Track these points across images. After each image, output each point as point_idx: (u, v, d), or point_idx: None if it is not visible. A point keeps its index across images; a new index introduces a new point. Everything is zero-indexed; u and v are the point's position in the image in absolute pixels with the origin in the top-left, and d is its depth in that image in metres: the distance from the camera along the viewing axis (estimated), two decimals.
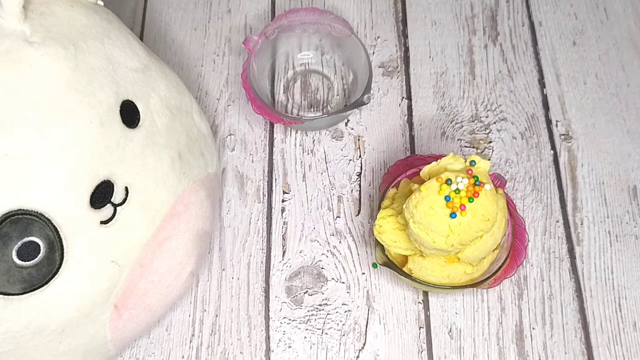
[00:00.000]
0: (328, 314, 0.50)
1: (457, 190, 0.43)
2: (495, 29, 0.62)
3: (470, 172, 0.43)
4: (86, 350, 0.42)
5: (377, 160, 0.56)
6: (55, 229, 0.37)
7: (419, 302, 0.50)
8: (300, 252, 0.52)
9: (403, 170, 0.50)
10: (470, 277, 0.47)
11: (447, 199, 0.43)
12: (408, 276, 0.47)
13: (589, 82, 0.59)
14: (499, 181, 0.49)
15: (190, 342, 0.49)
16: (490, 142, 0.56)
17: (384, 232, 0.47)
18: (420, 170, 0.48)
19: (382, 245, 0.47)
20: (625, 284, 0.50)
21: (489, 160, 0.45)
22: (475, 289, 0.49)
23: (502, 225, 0.45)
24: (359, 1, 0.63)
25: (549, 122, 0.57)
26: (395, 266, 0.47)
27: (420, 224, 0.43)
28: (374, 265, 0.51)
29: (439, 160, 0.46)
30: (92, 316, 0.40)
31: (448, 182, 0.43)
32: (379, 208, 0.48)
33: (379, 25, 0.62)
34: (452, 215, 0.42)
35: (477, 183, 0.43)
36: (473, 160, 0.44)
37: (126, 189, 0.40)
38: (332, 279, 0.51)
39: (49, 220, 0.37)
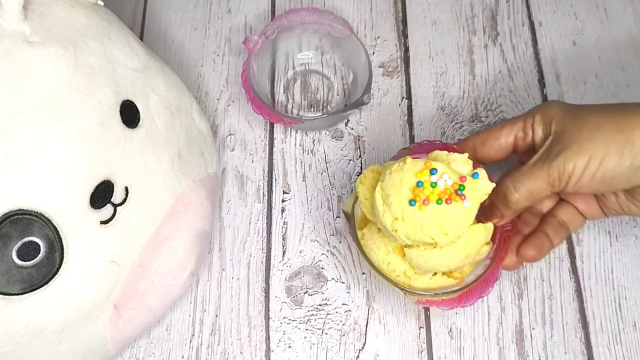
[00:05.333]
0: (328, 314, 0.50)
1: (434, 184, 0.39)
2: (495, 29, 0.62)
3: (463, 179, 0.40)
4: (86, 350, 0.42)
5: (377, 160, 0.56)
6: (55, 229, 0.37)
7: None
8: (300, 252, 0.52)
9: (428, 150, 0.47)
10: (409, 283, 0.44)
11: (419, 184, 0.39)
12: (356, 240, 0.45)
13: (589, 82, 0.59)
14: (509, 227, 0.45)
15: (190, 342, 0.49)
16: None
17: (364, 183, 0.45)
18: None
19: (357, 197, 0.46)
20: (625, 284, 0.50)
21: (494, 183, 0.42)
22: (407, 296, 0.45)
23: (461, 255, 0.42)
24: (359, 1, 0.63)
25: None
26: (352, 222, 0.45)
27: (383, 190, 0.41)
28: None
29: (449, 153, 0.42)
30: (92, 316, 0.40)
31: (432, 171, 0.40)
32: None
33: (379, 25, 0.62)
34: (411, 202, 0.39)
35: (459, 192, 0.39)
36: (477, 173, 0.41)
37: (126, 189, 0.40)
38: (332, 279, 0.51)
39: (49, 220, 0.37)
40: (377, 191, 0.41)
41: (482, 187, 0.41)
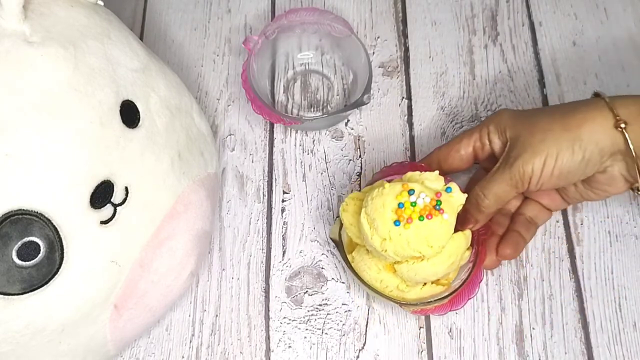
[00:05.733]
0: (328, 314, 0.50)
1: (414, 204, 0.43)
2: (495, 29, 0.62)
3: (438, 195, 0.43)
4: (86, 350, 0.42)
5: (377, 160, 0.56)
6: (55, 229, 0.37)
7: None
8: (300, 252, 0.52)
9: (399, 172, 0.50)
10: (402, 296, 0.47)
11: (401, 205, 0.43)
12: (348, 263, 0.47)
13: (589, 82, 0.59)
14: (484, 230, 0.48)
15: (190, 342, 0.49)
16: None
17: (347, 210, 0.47)
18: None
19: (342, 224, 0.48)
20: (625, 284, 0.50)
21: (466, 194, 0.45)
22: (403, 308, 0.47)
23: (447, 263, 0.44)
24: (359, 1, 0.63)
25: None
26: (341, 248, 0.48)
27: (368, 215, 0.44)
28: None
29: (421, 173, 0.46)
30: (92, 316, 0.40)
31: (410, 192, 0.43)
32: None
33: (379, 25, 0.62)
34: (396, 222, 0.43)
35: (437, 207, 0.43)
36: (449, 187, 0.44)
37: (126, 189, 0.40)
38: (332, 279, 0.51)
39: (49, 220, 0.37)
40: (362, 217, 0.44)
41: (456, 199, 0.44)
